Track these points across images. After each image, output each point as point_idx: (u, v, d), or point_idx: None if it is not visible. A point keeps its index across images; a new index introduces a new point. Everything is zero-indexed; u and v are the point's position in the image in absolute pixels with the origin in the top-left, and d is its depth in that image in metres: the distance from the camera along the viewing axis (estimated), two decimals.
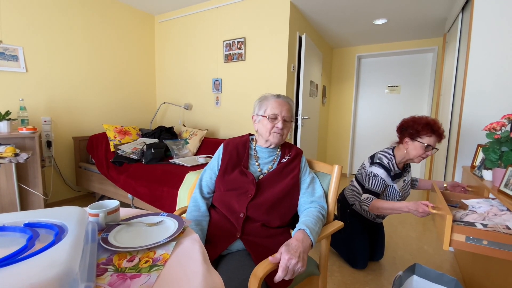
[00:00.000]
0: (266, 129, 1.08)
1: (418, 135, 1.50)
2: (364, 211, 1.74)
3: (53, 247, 0.44)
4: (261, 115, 1.10)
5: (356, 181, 1.79)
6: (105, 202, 0.74)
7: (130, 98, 3.42)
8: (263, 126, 1.09)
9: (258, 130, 1.13)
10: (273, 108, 1.07)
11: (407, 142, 1.55)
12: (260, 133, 1.12)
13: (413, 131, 1.51)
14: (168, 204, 1.99)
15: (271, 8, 2.74)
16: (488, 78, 1.84)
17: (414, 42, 3.91)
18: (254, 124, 1.15)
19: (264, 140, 1.12)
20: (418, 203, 1.25)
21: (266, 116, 1.08)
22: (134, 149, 2.59)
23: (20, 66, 2.42)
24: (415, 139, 1.51)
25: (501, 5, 1.77)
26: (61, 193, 2.82)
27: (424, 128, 1.47)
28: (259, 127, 1.12)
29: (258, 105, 1.13)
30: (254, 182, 1.04)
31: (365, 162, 1.75)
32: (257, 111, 1.13)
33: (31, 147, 2.05)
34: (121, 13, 3.21)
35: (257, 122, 1.13)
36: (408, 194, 1.71)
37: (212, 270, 0.56)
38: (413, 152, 1.53)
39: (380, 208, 1.44)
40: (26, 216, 0.56)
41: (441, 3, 2.68)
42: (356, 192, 1.78)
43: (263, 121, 1.09)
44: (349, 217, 1.80)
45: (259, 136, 1.14)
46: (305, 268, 0.81)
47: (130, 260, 0.55)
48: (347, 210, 1.81)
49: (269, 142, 1.11)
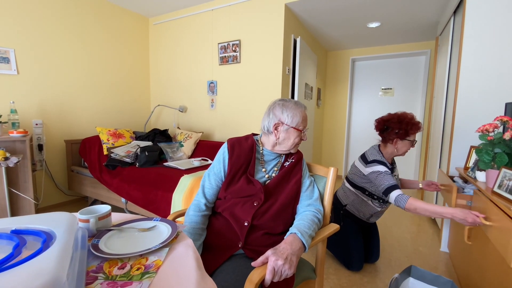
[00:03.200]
0: (294, 141, 1.05)
1: (407, 135, 1.59)
2: (357, 211, 1.75)
3: (40, 255, 0.42)
4: (292, 126, 1.04)
5: (348, 181, 1.80)
6: (96, 207, 0.72)
7: (124, 100, 3.39)
8: (291, 137, 1.05)
9: (279, 138, 1.06)
10: (304, 121, 1.07)
11: (396, 142, 1.62)
12: (281, 142, 1.06)
13: (403, 131, 1.58)
14: (163, 208, 1.96)
15: (266, 11, 2.75)
16: (480, 80, 1.86)
17: (407, 45, 3.96)
18: (275, 132, 1.05)
19: (285, 149, 1.07)
20: (467, 212, 1.18)
21: (300, 130, 1.05)
22: (127, 152, 2.56)
23: (12, 68, 2.38)
24: (404, 138, 1.60)
25: (492, 9, 1.80)
26: (52, 197, 2.76)
27: (412, 127, 1.58)
28: (284, 137, 1.05)
29: (290, 115, 1.04)
30: (262, 190, 1.01)
31: (357, 164, 1.75)
32: (288, 121, 1.04)
33: (21, 150, 2.01)
34: (115, 15, 3.18)
35: (282, 131, 1.05)
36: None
37: (206, 276, 0.55)
38: (403, 149, 1.63)
39: (418, 209, 1.36)
40: (13, 223, 0.54)
41: (433, 7, 2.73)
42: (348, 193, 1.79)
43: (292, 133, 1.04)
44: (343, 218, 1.80)
45: (278, 144, 1.07)
46: (293, 271, 0.80)
47: (121, 267, 0.54)
48: (341, 212, 1.82)
49: (288, 151, 1.09)
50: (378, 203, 1.69)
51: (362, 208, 1.73)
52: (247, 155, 1.07)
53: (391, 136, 1.62)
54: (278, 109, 1.06)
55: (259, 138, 1.14)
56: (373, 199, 1.69)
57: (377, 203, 1.69)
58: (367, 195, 1.70)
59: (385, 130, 1.65)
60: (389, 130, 1.62)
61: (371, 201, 1.70)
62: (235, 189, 1.03)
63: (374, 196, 1.68)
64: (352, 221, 1.78)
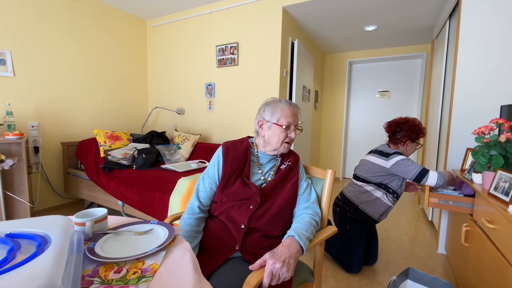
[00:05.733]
0: (279, 138, 1.02)
1: (418, 138, 1.74)
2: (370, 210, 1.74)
3: (35, 259, 0.42)
4: (274, 122, 1.02)
5: (358, 179, 1.80)
6: (92, 211, 0.71)
7: (121, 102, 3.38)
8: (274, 134, 1.02)
9: (264, 136, 1.05)
10: (287, 117, 1.02)
11: (408, 144, 1.75)
12: (268, 140, 1.05)
13: (415, 135, 1.72)
14: (160, 210, 1.95)
15: (263, 14, 2.76)
16: (476, 83, 1.88)
17: (404, 48, 3.99)
18: (260, 130, 1.06)
19: (272, 149, 1.06)
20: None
21: (281, 125, 1.01)
22: (124, 155, 2.54)
23: (8, 70, 2.36)
24: (415, 141, 1.74)
25: (487, 12, 1.82)
26: (48, 200, 2.74)
27: (422, 132, 1.74)
28: (269, 134, 1.04)
29: (270, 111, 1.04)
30: (258, 193, 1.00)
31: (373, 159, 1.75)
32: (269, 117, 1.03)
33: (17, 153, 1.99)
34: (112, 17, 3.18)
35: (266, 128, 1.04)
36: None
37: (203, 280, 0.55)
38: (411, 150, 1.78)
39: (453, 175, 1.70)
40: (7, 226, 0.54)
41: (429, 10, 2.76)
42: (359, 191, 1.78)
43: (275, 130, 1.02)
44: (350, 222, 1.79)
45: (266, 143, 1.06)
46: (291, 274, 0.79)
47: (118, 271, 0.53)
48: (348, 215, 1.80)
49: (278, 151, 1.06)
50: (392, 198, 1.71)
51: (374, 206, 1.73)
52: (242, 157, 1.06)
53: (403, 138, 1.74)
54: (262, 107, 1.08)
55: (254, 140, 1.14)
56: (388, 193, 1.71)
57: (390, 198, 1.71)
58: (383, 188, 1.71)
59: (398, 132, 1.76)
60: (403, 133, 1.74)
61: (386, 196, 1.71)
62: (230, 191, 1.02)
63: (390, 190, 1.71)
64: (359, 224, 1.77)
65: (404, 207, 3.16)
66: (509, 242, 0.95)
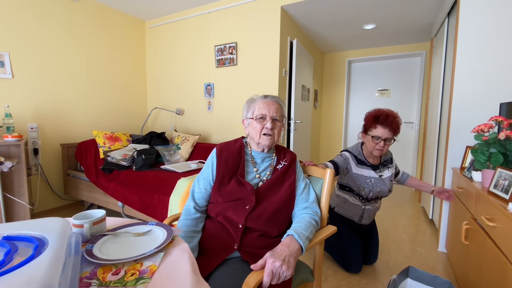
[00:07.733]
0: (256, 131, 1.04)
1: (369, 129, 1.60)
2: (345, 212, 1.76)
3: (32, 262, 0.42)
4: (249, 117, 1.07)
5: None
6: (90, 212, 0.71)
7: (120, 103, 3.37)
8: (253, 128, 1.05)
9: (249, 134, 1.10)
10: (260, 109, 1.04)
11: (363, 137, 1.66)
12: (251, 136, 1.08)
13: (365, 126, 1.63)
14: (159, 211, 1.95)
15: (262, 13, 2.76)
16: (475, 81, 1.87)
17: (403, 46, 3.99)
18: (245, 129, 1.12)
19: (255, 144, 1.08)
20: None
21: (254, 117, 1.05)
22: (124, 156, 2.54)
23: (6, 72, 2.36)
24: (367, 133, 1.61)
25: (485, 10, 1.82)
26: (48, 202, 2.74)
27: (371, 121, 1.58)
28: (250, 131, 1.08)
29: (246, 108, 1.10)
30: (253, 192, 1.00)
31: None
32: (246, 114, 1.10)
33: (16, 155, 1.98)
34: (111, 18, 3.18)
35: (247, 125, 1.10)
36: (387, 190, 1.68)
37: (201, 281, 0.54)
38: (369, 144, 1.61)
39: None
40: (5, 229, 0.54)
41: (428, 9, 2.75)
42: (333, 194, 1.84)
43: (252, 124, 1.06)
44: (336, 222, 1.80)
45: (251, 140, 1.10)
46: (291, 272, 0.79)
47: (116, 273, 0.53)
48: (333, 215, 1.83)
49: (261, 146, 1.07)
50: (358, 199, 1.70)
51: (347, 207, 1.75)
52: (236, 157, 1.07)
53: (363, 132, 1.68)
54: (244, 107, 1.12)
55: (247, 140, 1.15)
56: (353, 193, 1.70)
57: (356, 199, 1.70)
58: (347, 191, 1.73)
59: None
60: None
61: (353, 197, 1.71)
62: (226, 191, 1.03)
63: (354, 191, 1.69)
64: (345, 223, 1.78)
65: (404, 205, 3.16)
66: (509, 240, 0.95)
